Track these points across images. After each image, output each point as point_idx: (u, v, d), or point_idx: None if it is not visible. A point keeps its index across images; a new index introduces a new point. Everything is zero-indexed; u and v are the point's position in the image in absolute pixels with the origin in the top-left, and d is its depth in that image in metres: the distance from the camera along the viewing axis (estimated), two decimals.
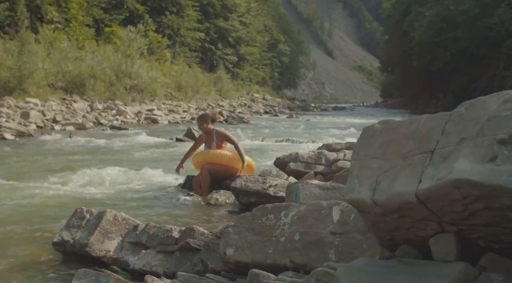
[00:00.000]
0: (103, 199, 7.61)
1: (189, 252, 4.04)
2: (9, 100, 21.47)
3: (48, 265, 4.73)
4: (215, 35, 58.74)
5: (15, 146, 14.25)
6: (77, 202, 7.28)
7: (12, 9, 31.79)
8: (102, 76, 29.59)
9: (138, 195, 8.07)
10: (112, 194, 8.03)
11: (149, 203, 7.53)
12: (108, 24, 41.17)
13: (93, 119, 22.26)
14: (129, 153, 13.40)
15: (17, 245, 5.25)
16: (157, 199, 7.86)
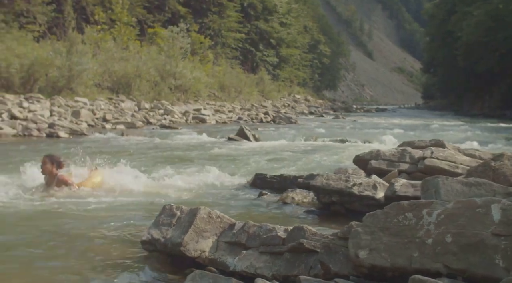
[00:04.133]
0: (176, 197, 7.31)
1: (301, 253, 3.64)
2: (59, 99, 21.52)
3: (138, 265, 4.42)
4: (256, 37, 58.51)
5: (72, 144, 14.15)
6: (150, 200, 7.04)
7: (59, 10, 32.05)
8: (147, 76, 29.58)
9: (208, 193, 7.78)
10: (183, 193, 7.75)
11: (221, 201, 7.21)
12: (151, 25, 41.32)
13: (142, 118, 22.21)
14: (186, 152, 13.19)
15: (104, 244, 4.97)
16: (229, 197, 7.54)
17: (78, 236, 5.20)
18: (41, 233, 5.26)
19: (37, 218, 5.92)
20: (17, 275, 4.15)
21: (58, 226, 5.58)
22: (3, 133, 15.66)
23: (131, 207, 6.64)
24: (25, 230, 5.39)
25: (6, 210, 6.32)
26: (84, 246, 4.86)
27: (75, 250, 4.75)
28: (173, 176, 8.97)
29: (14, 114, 17.58)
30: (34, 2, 30.23)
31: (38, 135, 15.92)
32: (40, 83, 22.51)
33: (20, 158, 11.09)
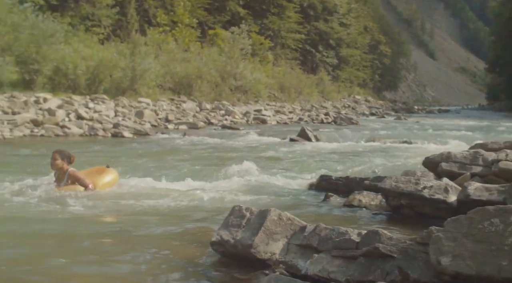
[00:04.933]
0: (240, 198, 7.28)
1: (377, 258, 3.52)
2: (123, 100, 21.94)
3: (207, 267, 4.41)
4: (316, 37, 58.19)
5: (137, 144, 14.44)
6: (214, 200, 7.04)
7: (122, 13, 32.70)
8: (208, 77, 29.82)
9: (272, 195, 7.71)
10: (247, 194, 7.72)
11: (286, 203, 7.12)
12: (212, 27, 41.67)
13: (204, 118, 22.44)
14: (248, 153, 13.19)
15: (172, 245, 4.98)
16: (293, 199, 7.46)
17: (143, 237, 5.22)
18: (104, 234, 5.29)
19: (95, 219, 5.94)
20: (85, 275, 4.18)
21: (120, 226, 5.61)
22: (70, 133, 16.09)
23: (196, 208, 6.64)
24: (86, 230, 5.44)
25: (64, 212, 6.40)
26: (151, 247, 4.86)
27: (142, 250, 4.76)
28: (236, 177, 8.96)
29: (81, 114, 18.02)
30: (99, 5, 30.94)
31: (103, 135, 16.26)
32: (105, 84, 23.01)
33: (88, 158, 11.33)
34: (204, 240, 5.06)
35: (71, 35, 25.58)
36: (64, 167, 7.38)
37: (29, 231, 5.35)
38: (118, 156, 11.95)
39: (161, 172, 9.38)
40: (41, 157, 11.24)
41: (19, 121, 16.03)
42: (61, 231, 5.27)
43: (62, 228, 5.38)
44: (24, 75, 20.72)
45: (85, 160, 10.95)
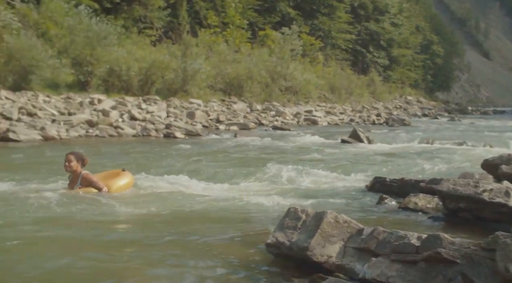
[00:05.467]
0: (293, 200, 7.22)
1: (439, 264, 3.42)
2: (175, 101, 22.18)
3: (262, 269, 4.37)
4: (367, 37, 57.59)
5: (189, 145, 14.55)
6: (267, 202, 7.00)
7: (174, 15, 33.07)
8: (258, 78, 29.84)
9: (325, 196, 7.64)
10: (300, 195, 7.66)
11: (340, 205, 7.03)
12: (262, 27, 41.71)
13: (254, 119, 22.47)
14: (299, 154, 13.14)
15: (226, 246, 4.96)
16: (347, 201, 7.36)
17: (197, 239, 5.21)
18: (157, 234, 5.31)
19: (144, 222, 5.97)
20: (138, 273, 4.21)
21: (172, 229, 5.62)
22: (124, 133, 16.34)
23: (249, 210, 6.61)
24: (138, 230, 5.48)
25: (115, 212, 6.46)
26: (204, 248, 4.86)
27: (196, 252, 4.76)
28: (288, 179, 8.92)
29: (134, 115, 18.29)
30: (151, 7, 31.37)
31: (156, 136, 16.46)
32: (157, 85, 23.30)
33: (141, 158, 11.48)
34: (258, 242, 5.03)
35: (124, 37, 26.00)
36: (78, 169, 7.21)
37: (89, 236, 5.41)
38: (169, 156, 12.07)
39: (212, 173, 9.41)
40: (94, 157, 11.45)
41: (74, 121, 16.39)
42: (111, 236, 5.28)
43: (110, 233, 5.39)
44: (79, 77, 21.17)
45: (138, 160, 11.12)
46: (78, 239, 5.12)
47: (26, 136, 13.97)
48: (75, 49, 21.43)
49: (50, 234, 5.18)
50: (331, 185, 8.58)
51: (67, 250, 4.71)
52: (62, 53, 21.57)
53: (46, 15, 23.57)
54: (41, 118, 16.34)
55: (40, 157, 11.23)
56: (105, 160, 11.09)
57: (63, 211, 6.17)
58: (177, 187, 7.88)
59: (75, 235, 5.24)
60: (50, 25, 23.04)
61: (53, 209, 6.21)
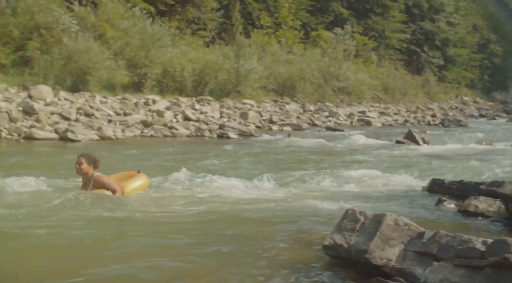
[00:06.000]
0: (349, 201, 7.13)
1: (506, 270, 3.29)
2: (228, 101, 22.30)
3: (319, 271, 4.33)
4: (421, 37, 56.53)
5: (242, 145, 14.61)
6: (324, 202, 6.95)
7: (227, 16, 33.26)
8: (311, 78, 29.69)
9: (382, 198, 7.54)
10: (355, 197, 7.57)
11: (396, 207, 6.91)
12: (314, 28, 41.50)
13: (307, 120, 22.40)
14: (354, 154, 13.03)
15: (282, 247, 4.93)
16: (404, 203, 7.24)
17: (253, 239, 5.20)
18: (210, 236, 5.31)
19: (196, 221, 5.98)
20: (193, 274, 4.21)
21: (224, 228, 5.62)
22: (178, 133, 16.53)
23: (303, 211, 6.56)
24: (191, 232, 5.48)
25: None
26: (259, 250, 4.84)
27: (250, 253, 4.74)
28: (343, 179, 8.83)
29: (188, 115, 18.47)
30: (204, 9, 31.64)
31: (209, 136, 16.58)
32: (210, 86, 23.45)
33: (196, 158, 11.57)
34: (314, 244, 4.99)
35: (178, 39, 26.30)
36: (90, 172, 7.03)
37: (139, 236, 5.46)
38: (222, 156, 12.13)
39: (264, 174, 9.39)
40: (148, 157, 11.63)
41: (130, 122, 16.67)
42: (164, 238, 5.29)
43: (163, 235, 5.37)
44: (134, 78, 21.51)
45: (192, 159, 11.22)
46: (133, 240, 5.16)
47: (84, 136, 14.29)
48: (130, 51, 21.78)
49: (104, 236, 5.23)
50: (386, 187, 8.46)
51: (128, 252, 4.76)
52: (117, 55, 21.98)
53: (103, 18, 24.05)
54: (98, 118, 16.66)
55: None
56: (159, 160, 11.25)
57: (113, 212, 6.24)
58: (229, 188, 7.89)
59: (131, 236, 5.29)
60: (106, 27, 23.50)
61: (104, 210, 6.28)
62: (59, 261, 4.44)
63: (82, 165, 6.97)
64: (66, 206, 6.20)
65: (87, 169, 6.99)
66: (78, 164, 6.98)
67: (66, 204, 6.27)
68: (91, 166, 7.03)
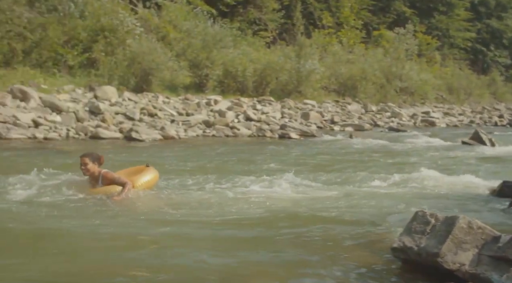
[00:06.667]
0: (417, 202, 6.95)
1: None
2: (289, 102, 22.26)
3: (389, 274, 4.22)
4: (487, 36, 54.93)
5: (304, 145, 14.55)
6: (391, 203, 6.81)
7: (288, 16, 33.23)
8: (373, 79, 29.30)
9: (449, 201, 7.30)
10: (423, 198, 7.38)
11: (465, 209, 6.67)
12: (376, 27, 40.95)
13: (369, 120, 22.12)
14: (418, 155, 12.79)
15: (348, 248, 4.84)
16: (473, 205, 7.01)
17: (315, 239, 5.14)
18: (274, 235, 5.27)
19: (258, 220, 5.94)
20: (258, 275, 4.19)
21: (288, 228, 5.56)
22: (239, 133, 16.60)
23: (367, 211, 6.45)
24: (252, 230, 5.44)
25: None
26: (325, 251, 4.77)
27: (316, 254, 4.67)
28: (406, 180, 8.65)
29: (249, 116, 18.53)
30: (265, 10, 31.72)
31: (271, 136, 16.57)
32: (271, 86, 23.43)
33: (257, 158, 11.57)
34: (382, 245, 4.88)
35: (239, 40, 26.45)
36: (96, 170, 6.90)
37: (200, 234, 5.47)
38: (284, 156, 12.13)
39: (326, 174, 9.31)
40: (211, 156, 11.69)
41: (192, 122, 16.86)
42: (225, 235, 5.29)
43: (224, 233, 5.39)
44: (196, 79, 21.74)
45: (253, 159, 11.22)
46: (196, 238, 5.18)
47: (148, 136, 14.52)
48: (192, 52, 22.03)
49: (176, 232, 5.27)
50: (453, 189, 8.21)
51: (195, 249, 4.78)
52: (180, 56, 22.28)
53: (166, 20, 24.44)
54: (161, 118, 16.95)
55: (160, 156, 11.60)
56: (223, 159, 11.31)
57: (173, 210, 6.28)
58: (292, 188, 7.82)
59: (193, 233, 5.30)
60: (169, 29, 23.87)
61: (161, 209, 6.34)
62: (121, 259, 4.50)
63: (88, 165, 6.85)
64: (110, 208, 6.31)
65: (93, 168, 6.88)
66: (83, 165, 6.86)
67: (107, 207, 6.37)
68: (96, 164, 6.90)
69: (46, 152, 11.77)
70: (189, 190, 7.45)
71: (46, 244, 4.89)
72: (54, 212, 5.89)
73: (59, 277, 4.05)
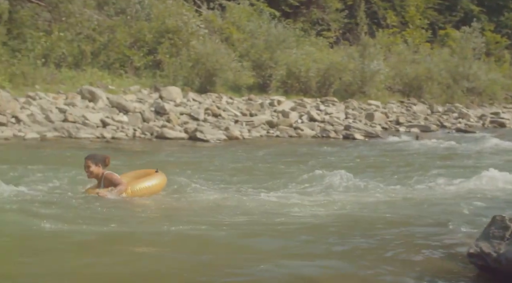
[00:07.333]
0: (483, 204, 6.72)
1: None
2: (353, 102, 22.02)
3: (465, 280, 4.03)
4: None
5: (369, 146, 14.39)
6: (463, 205, 6.60)
7: (351, 16, 32.91)
8: (439, 79, 28.61)
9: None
10: (492, 200, 7.20)
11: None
12: (442, 26, 40.04)
13: (436, 121, 21.62)
14: (489, 157, 12.48)
15: (422, 252, 4.70)
16: None
17: (384, 243, 5.03)
18: (338, 240, 5.20)
19: (320, 222, 5.84)
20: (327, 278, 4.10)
21: (355, 231, 5.46)
22: (303, 134, 16.55)
23: (438, 214, 6.27)
24: (314, 234, 5.35)
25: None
26: (397, 254, 4.66)
27: (387, 258, 4.56)
28: (476, 183, 8.39)
29: (313, 116, 18.43)
30: (328, 10, 31.51)
31: (335, 137, 16.43)
32: (335, 86, 23.23)
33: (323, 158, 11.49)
34: (457, 250, 4.73)
35: (302, 40, 26.35)
36: (100, 171, 6.81)
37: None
38: (349, 157, 12.03)
39: (392, 175, 9.17)
40: (275, 157, 11.67)
41: (256, 122, 16.91)
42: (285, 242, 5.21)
43: (280, 239, 5.31)
44: (259, 79, 21.77)
45: (319, 159, 11.14)
46: (262, 239, 5.14)
47: (212, 136, 14.64)
48: (256, 53, 22.09)
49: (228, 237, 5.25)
50: None
51: (263, 252, 4.75)
52: (243, 56, 22.36)
53: (229, 21, 24.61)
54: (225, 118, 17.08)
55: (227, 157, 11.66)
56: (289, 160, 11.29)
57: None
58: (358, 189, 7.73)
59: (261, 238, 5.26)
60: (233, 30, 24.01)
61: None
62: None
63: (91, 167, 6.78)
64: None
65: (97, 170, 6.80)
66: (86, 167, 6.80)
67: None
68: (99, 166, 6.80)
69: (115, 151, 12.07)
70: (259, 193, 7.40)
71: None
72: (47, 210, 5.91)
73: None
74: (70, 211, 5.88)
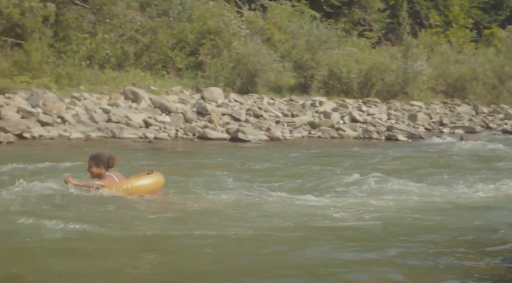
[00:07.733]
0: None
1: None
2: (395, 103, 21.78)
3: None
4: None
5: (411, 147, 14.24)
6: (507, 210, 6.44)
7: (393, 16, 32.56)
8: (483, 79, 28.06)
9: None
10: None
11: None
12: (487, 26, 39.27)
13: (481, 122, 21.22)
14: None
15: (467, 258, 4.61)
16: None
17: (432, 246, 4.93)
18: (382, 243, 5.13)
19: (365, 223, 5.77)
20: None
21: (402, 233, 5.38)
22: (345, 135, 16.45)
23: (486, 219, 6.15)
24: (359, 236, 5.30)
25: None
26: (448, 259, 4.58)
27: (433, 264, 4.47)
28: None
29: (355, 117, 18.31)
30: (370, 10, 31.24)
31: (377, 138, 16.28)
32: (376, 87, 23.01)
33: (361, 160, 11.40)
34: (506, 256, 4.61)
35: (344, 40, 26.19)
36: (102, 172, 6.70)
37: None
38: (392, 159, 11.88)
39: (440, 176, 9.01)
40: (316, 158, 11.62)
41: (297, 123, 16.90)
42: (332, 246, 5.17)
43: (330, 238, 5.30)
44: (300, 80, 21.72)
45: (361, 161, 11.04)
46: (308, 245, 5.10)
47: (254, 137, 14.66)
48: (297, 53, 22.06)
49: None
50: None
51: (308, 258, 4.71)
52: (284, 57, 22.35)
53: (271, 21, 24.62)
54: (266, 119, 17.12)
55: (267, 157, 11.64)
56: (327, 160, 11.23)
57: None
58: (403, 192, 7.60)
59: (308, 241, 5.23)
60: (274, 31, 24.01)
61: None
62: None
63: (92, 168, 6.72)
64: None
65: (98, 171, 6.71)
66: (88, 167, 6.77)
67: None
68: (101, 167, 6.70)
69: (156, 151, 12.21)
70: (300, 195, 7.34)
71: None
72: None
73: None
74: (99, 212, 5.90)
